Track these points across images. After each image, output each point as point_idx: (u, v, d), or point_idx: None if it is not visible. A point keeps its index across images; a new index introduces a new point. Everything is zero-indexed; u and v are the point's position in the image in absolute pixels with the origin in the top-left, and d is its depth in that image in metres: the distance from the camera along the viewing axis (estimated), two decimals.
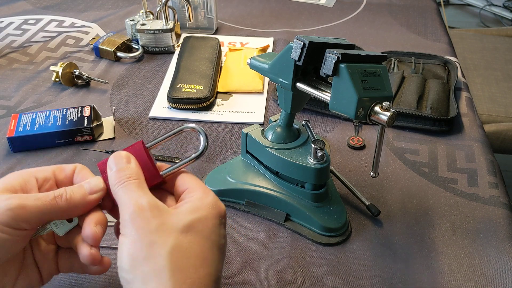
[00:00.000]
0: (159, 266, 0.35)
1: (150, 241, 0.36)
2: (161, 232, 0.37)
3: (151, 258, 0.36)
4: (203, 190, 0.42)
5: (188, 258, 0.37)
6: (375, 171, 0.50)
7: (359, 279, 0.51)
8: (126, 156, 0.43)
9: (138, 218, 0.37)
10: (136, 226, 0.37)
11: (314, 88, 0.49)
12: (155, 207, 0.38)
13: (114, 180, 0.41)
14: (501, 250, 0.54)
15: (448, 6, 3.03)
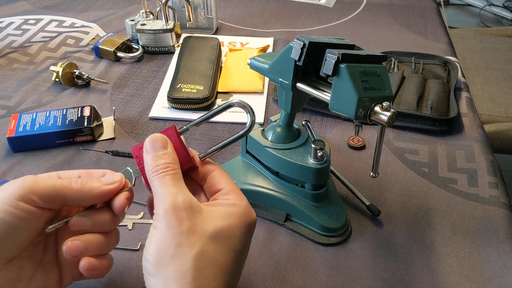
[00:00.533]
0: (183, 269, 0.36)
1: (179, 242, 0.37)
2: (190, 235, 0.37)
3: (176, 259, 0.36)
4: (237, 195, 0.42)
5: (211, 266, 0.37)
6: (375, 171, 0.50)
7: (359, 279, 0.51)
8: (162, 140, 0.43)
9: (172, 216, 0.37)
10: (168, 224, 0.37)
11: (314, 88, 0.49)
12: (189, 207, 0.38)
13: (150, 166, 0.41)
14: (501, 250, 0.54)
15: (448, 6, 3.03)
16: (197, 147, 0.69)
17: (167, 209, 0.38)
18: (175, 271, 0.36)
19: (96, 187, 0.41)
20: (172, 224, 0.37)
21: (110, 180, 0.42)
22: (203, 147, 0.69)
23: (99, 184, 0.41)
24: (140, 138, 0.71)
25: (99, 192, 0.41)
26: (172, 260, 0.36)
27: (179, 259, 0.36)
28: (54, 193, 0.39)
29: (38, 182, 0.39)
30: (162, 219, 0.37)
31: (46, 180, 0.39)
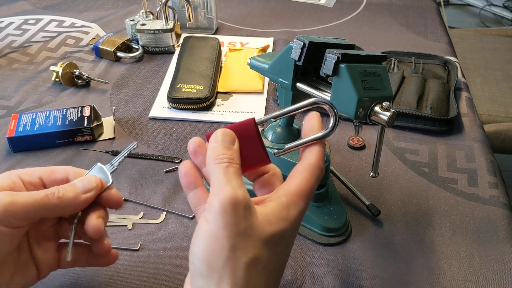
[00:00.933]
0: (235, 277, 0.34)
1: (234, 244, 0.34)
2: (246, 238, 0.34)
3: (230, 265, 0.34)
4: (296, 195, 0.38)
5: (262, 274, 0.35)
6: (375, 171, 0.50)
7: (359, 279, 0.51)
8: (231, 136, 0.39)
9: (230, 212, 0.34)
10: (224, 221, 0.34)
11: (314, 88, 0.49)
12: (248, 206, 0.35)
13: (216, 153, 0.38)
14: (501, 250, 0.54)
15: (448, 6, 3.03)
16: None
17: (224, 202, 0.34)
18: (228, 277, 0.33)
19: (73, 199, 0.40)
20: (228, 223, 0.34)
21: (87, 187, 0.42)
22: None
23: (76, 194, 0.41)
24: (140, 138, 0.71)
25: (77, 204, 0.41)
26: (225, 265, 0.34)
27: (233, 265, 0.34)
28: (31, 212, 0.39)
29: (15, 204, 0.38)
30: (217, 214, 0.34)
31: (22, 200, 0.38)
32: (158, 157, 0.67)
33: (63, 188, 0.41)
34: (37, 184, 0.43)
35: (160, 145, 0.70)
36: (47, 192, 0.40)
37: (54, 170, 0.43)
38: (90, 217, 0.42)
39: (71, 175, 0.44)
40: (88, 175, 0.43)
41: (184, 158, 0.67)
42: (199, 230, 0.35)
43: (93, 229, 0.41)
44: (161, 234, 0.55)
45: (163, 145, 0.70)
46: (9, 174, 0.42)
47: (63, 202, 0.40)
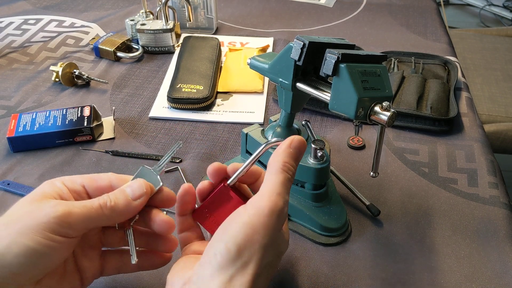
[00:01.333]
0: (257, 272, 0.37)
1: (265, 244, 0.37)
2: (274, 245, 0.39)
3: (256, 260, 0.37)
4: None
5: (266, 279, 0.40)
6: (375, 171, 0.50)
7: (359, 279, 0.51)
8: (302, 151, 0.43)
9: (274, 219, 0.38)
10: (266, 222, 0.37)
11: (314, 88, 0.49)
12: (284, 220, 0.40)
13: (284, 158, 0.41)
14: (501, 250, 0.54)
15: (448, 6, 3.03)
16: (197, 147, 0.69)
17: (274, 209, 0.38)
18: (251, 268, 0.37)
19: (125, 207, 0.41)
20: (268, 225, 0.37)
21: (137, 193, 0.42)
22: (204, 146, 0.69)
23: (127, 202, 0.41)
24: (140, 138, 0.71)
25: (129, 211, 0.41)
26: (253, 257, 0.37)
27: (259, 261, 0.37)
28: (87, 222, 0.39)
29: (71, 214, 0.38)
30: (263, 214, 0.37)
31: (78, 210, 0.38)
32: (158, 157, 0.67)
33: (114, 197, 0.41)
34: (81, 192, 0.42)
35: (160, 145, 0.70)
36: (100, 202, 0.40)
37: (96, 178, 0.43)
38: (157, 215, 0.42)
39: (113, 182, 0.43)
40: (136, 180, 0.43)
41: (184, 158, 0.67)
42: (239, 219, 0.38)
43: (166, 224, 0.41)
44: None
45: (163, 145, 0.70)
46: (53, 181, 0.42)
47: (115, 212, 0.40)
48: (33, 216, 0.37)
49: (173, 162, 0.66)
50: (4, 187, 0.61)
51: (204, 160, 0.67)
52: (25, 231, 0.36)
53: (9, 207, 0.58)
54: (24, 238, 0.36)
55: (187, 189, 0.43)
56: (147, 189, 0.42)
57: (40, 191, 0.40)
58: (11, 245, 0.36)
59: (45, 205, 0.38)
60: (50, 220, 0.37)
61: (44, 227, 0.36)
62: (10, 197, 0.60)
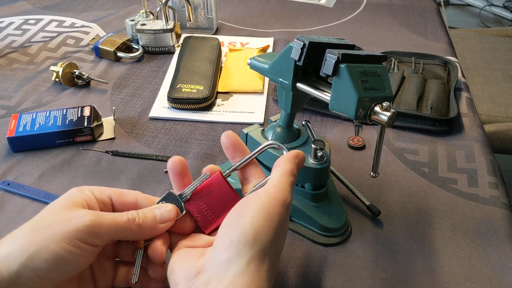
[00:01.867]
0: (273, 259, 0.40)
1: (276, 233, 0.39)
2: (284, 234, 0.41)
3: (274, 246, 0.39)
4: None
5: (274, 268, 0.41)
6: (375, 171, 0.50)
7: (359, 279, 0.51)
8: (300, 167, 0.45)
9: (285, 210, 0.40)
10: (280, 212, 0.39)
11: (314, 88, 0.49)
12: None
13: (292, 161, 0.43)
14: (501, 250, 0.54)
15: (448, 6, 3.03)
16: (197, 147, 0.69)
17: (285, 202, 0.40)
18: (270, 255, 0.39)
19: (151, 227, 0.42)
20: (281, 214, 0.39)
21: (165, 217, 0.43)
22: (203, 146, 0.69)
23: (154, 223, 0.42)
24: (140, 138, 0.71)
25: (154, 232, 0.42)
26: (271, 244, 0.38)
27: (276, 247, 0.39)
28: (113, 234, 0.40)
29: (101, 224, 0.39)
30: (277, 203, 0.39)
31: (107, 222, 0.40)
32: (158, 157, 0.67)
33: (143, 215, 0.42)
34: (107, 204, 0.43)
35: (160, 145, 0.70)
36: (129, 217, 0.41)
37: (124, 193, 0.44)
38: (156, 243, 0.43)
39: (140, 200, 0.44)
40: (167, 204, 0.44)
41: (184, 158, 0.67)
42: (253, 205, 0.39)
43: (158, 255, 0.42)
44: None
45: (163, 145, 0.70)
46: (82, 189, 0.43)
47: (142, 230, 0.41)
48: (65, 223, 0.38)
49: None
50: (4, 187, 0.61)
51: (204, 160, 0.67)
52: (55, 237, 0.37)
53: (9, 207, 0.58)
54: (53, 244, 0.37)
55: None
56: (174, 216, 0.43)
57: (71, 198, 0.41)
58: (41, 250, 0.37)
59: (76, 214, 0.39)
60: (80, 228, 0.38)
61: (74, 235, 0.38)
62: (10, 197, 0.60)
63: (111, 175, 0.64)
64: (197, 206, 0.45)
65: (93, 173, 0.64)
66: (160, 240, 0.43)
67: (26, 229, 0.38)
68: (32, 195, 0.60)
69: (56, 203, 0.41)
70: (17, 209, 0.58)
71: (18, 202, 0.59)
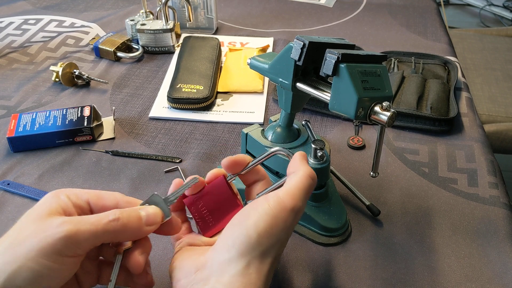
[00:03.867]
0: (273, 262, 0.40)
1: (281, 238, 0.39)
2: (287, 239, 0.41)
3: (276, 249, 0.39)
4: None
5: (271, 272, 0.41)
6: (375, 171, 0.50)
7: (359, 279, 0.51)
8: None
9: (293, 216, 0.40)
10: (286, 218, 0.39)
11: (314, 88, 0.49)
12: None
13: (309, 170, 0.42)
14: (501, 250, 0.54)
15: (448, 6, 3.03)
16: (197, 147, 0.69)
17: (296, 209, 0.40)
18: (271, 257, 0.39)
19: (137, 229, 0.40)
20: (287, 221, 0.39)
21: (151, 220, 0.41)
22: (204, 146, 0.69)
23: (140, 225, 0.40)
24: (140, 138, 0.71)
25: (138, 235, 0.41)
26: (273, 247, 0.39)
27: (277, 250, 0.39)
28: (94, 240, 0.38)
29: (78, 234, 0.36)
30: (285, 209, 0.39)
31: (85, 228, 0.37)
32: (158, 157, 0.67)
33: (127, 214, 0.39)
34: (85, 209, 0.41)
35: (160, 145, 0.70)
36: (110, 218, 0.38)
37: (102, 196, 0.42)
38: (134, 252, 0.41)
39: (120, 202, 0.42)
40: (153, 207, 0.42)
41: (184, 158, 0.67)
42: (260, 208, 0.39)
43: (135, 265, 0.40)
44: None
45: (163, 145, 0.70)
46: (57, 194, 0.40)
47: (126, 231, 0.39)
48: (40, 237, 0.36)
49: (173, 162, 0.66)
50: (4, 187, 0.61)
51: (204, 160, 0.67)
52: (31, 254, 0.35)
53: (9, 207, 0.58)
54: (31, 262, 0.35)
55: (178, 184, 0.44)
56: (161, 219, 0.42)
57: (46, 206, 0.39)
58: (20, 269, 0.35)
59: (51, 224, 0.37)
60: (56, 241, 0.36)
61: (50, 250, 0.36)
62: (10, 197, 0.60)
63: (111, 175, 0.64)
64: (197, 209, 0.45)
65: (93, 173, 0.64)
66: (139, 249, 0.41)
67: (2, 246, 0.36)
68: (32, 195, 0.60)
69: (31, 212, 0.39)
70: (17, 209, 0.58)
71: (18, 202, 0.59)
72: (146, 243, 0.43)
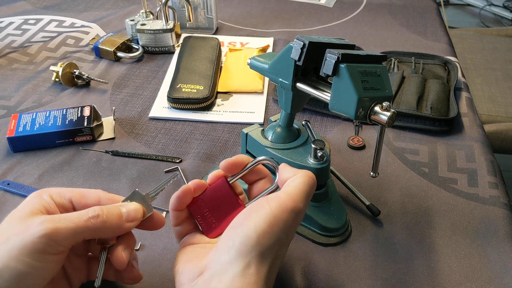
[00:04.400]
0: (271, 263, 0.39)
1: (281, 239, 0.39)
2: (288, 242, 0.42)
3: (274, 251, 0.39)
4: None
5: (274, 273, 0.41)
6: (375, 171, 0.50)
7: (359, 279, 0.51)
8: None
9: (294, 218, 0.40)
10: (287, 219, 0.39)
11: (314, 88, 0.49)
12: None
13: (307, 172, 0.43)
14: (501, 250, 0.54)
15: (448, 6, 3.03)
16: (197, 147, 0.69)
17: (297, 210, 0.40)
18: (270, 259, 0.39)
19: (117, 225, 0.41)
20: (288, 222, 0.39)
21: (131, 216, 0.42)
22: (204, 146, 0.69)
23: (120, 222, 0.41)
24: (140, 138, 0.71)
25: (119, 231, 0.41)
26: (272, 249, 0.39)
27: (277, 252, 0.39)
28: (75, 236, 0.39)
29: (59, 231, 0.37)
30: (286, 211, 0.39)
31: (65, 226, 0.38)
32: (158, 157, 0.67)
33: (107, 211, 0.40)
34: (68, 208, 0.42)
35: (160, 145, 0.70)
36: (90, 215, 0.39)
37: (84, 194, 0.43)
38: (117, 248, 0.42)
39: (102, 200, 0.43)
40: (134, 203, 0.43)
41: (184, 158, 0.67)
42: (261, 209, 0.39)
43: (118, 261, 0.41)
44: (161, 234, 0.55)
45: (163, 145, 0.70)
46: (40, 194, 0.41)
47: (106, 227, 0.40)
48: (21, 237, 0.37)
49: (173, 162, 0.66)
50: (4, 187, 0.61)
51: (204, 160, 0.67)
52: (14, 254, 0.36)
53: (9, 207, 0.58)
54: (14, 262, 0.36)
55: (187, 190, 0.44)
56: (142, 215, 0.43)
57: (28, 206, 0.40)
58: (2, 270, 0.36)
59: (32, 224, 0.37)
60: (37, 240, 0.36)
61: (32, 248, 0.36)
62: (10, 197, 0.60)
63: (111, 175, 0.64)
64: (200, 211, 0.45)
65: (93, 173, 0.64)
66: (122, 245, 0.42)
67: None
68: None
69: (14, 213, 0.39)
70: None
71: (18, 202, 0.59)
72: (130, 239, 0.43)
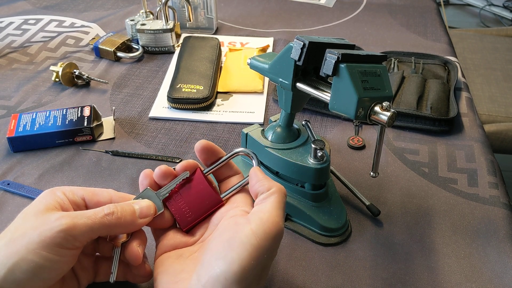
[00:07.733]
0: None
1: (266, 264, 0.39)
2: (270, 264, 0.41)
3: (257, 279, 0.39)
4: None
5: None
6: (375, 171, 0.50)
7: (359, 279, 0.51)
8: None
9: (276, 241, 0.39)
10: (270, 245, 0.38)
11: (314, 88, 0.49)
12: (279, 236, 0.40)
13: (272, 182, 0.43)
14: (501, 250, 0.54)
15: (448, 6, 3.03)
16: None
17: (277, 234, 0.39)
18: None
19: (131, 222, 0.42)
20: (270, 248, 0.38)
21: (144, 212, 0.43)
22: None
23: (134, 218, 0.42)
24: (140, 138, 0.71)
25: (133, 227, 0.42)
26: (256, 277, 0.38)
27: (260, 280, 0.39)
28: (91, 233, 0.40)
29: (76, 226, 0.38)
30: (268, 238, 0.38)
31: (83, 222, 0.39)
32: (158, 157, 0.67)
33: (121, 208, 0.41)
34: (80, 205, 0.43)
35: (160, 145, 0.70)
36: (105, 212, 0.40)
37: (97, 193, 0.44)
38: (132, 244, 0.43)
39: (114, 198, 0.44)
40: (146, 200, 0.44)
41: (184, 158, 0.67)
42: (245, 239, 0.37)
43: (134, 257, 0.42)
44: None
45: (163, 145, 0.70)
46: (53, 191, 0.42)
47: (121, 224, 0.41)
48: (39, 231, 0.38)
49: (173, 162, 0.66)
50: (4, 187, 0.61)
51: None
52: (32, 247, 0.37)
53: (9, 207, 0.58)
54: (31, 254, 0.37)
55: (147, 174, 0.45)
56: (154, 212, 0.44)
57: (43, 202, 0.40)
58: (20, 261, 0.37)
59: (49, 219, 0.38)
60: (55, 234, 0.37)
61: (50, 242, 0.37)
62: (10, 197, 0.60)
63: (111, 175, 0.64)
64: (176, 204, 0.45)
65: (93, 173, 0.64)
66: (136, 240, 0.43)
67: (2, 241, 0.38)
68: (32, 195, 0.60)
69: (29, 209, 0.40)
70: (17, 209, 0.58)
71: (18, 202, 0.59)
72: (142, 235, 0.44)
